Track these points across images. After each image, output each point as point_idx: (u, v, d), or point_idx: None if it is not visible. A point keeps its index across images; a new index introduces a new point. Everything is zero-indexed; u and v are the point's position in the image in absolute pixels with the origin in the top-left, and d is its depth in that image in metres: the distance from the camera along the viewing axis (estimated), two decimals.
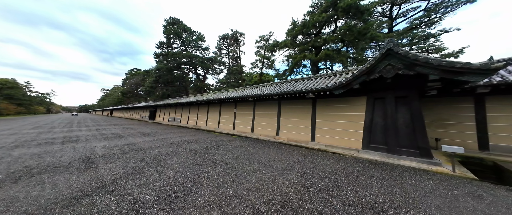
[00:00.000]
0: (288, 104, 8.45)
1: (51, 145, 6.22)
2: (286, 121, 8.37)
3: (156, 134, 10.11)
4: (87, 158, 4.58)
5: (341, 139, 5.82)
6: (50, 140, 7.22)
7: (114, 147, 6.01)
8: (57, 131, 10.55)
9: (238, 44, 24.22)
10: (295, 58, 12.64)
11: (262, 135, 9.51)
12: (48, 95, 78.91)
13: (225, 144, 6.95)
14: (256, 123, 10.36)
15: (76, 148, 5.78)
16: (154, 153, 5.21)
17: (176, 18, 24.28)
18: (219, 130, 13.19)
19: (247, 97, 10.15)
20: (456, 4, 11.32)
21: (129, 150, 5.60)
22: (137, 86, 47.34)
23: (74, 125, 15.63)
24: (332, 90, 5.25)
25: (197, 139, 8.13)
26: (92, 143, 6.84)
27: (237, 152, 5.42)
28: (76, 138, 8.11)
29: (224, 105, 13.94)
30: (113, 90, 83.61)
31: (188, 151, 5.38)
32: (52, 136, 8.58)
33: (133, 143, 6.92)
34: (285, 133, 8.27)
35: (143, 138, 8.41)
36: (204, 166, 3.92)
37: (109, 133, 10.00)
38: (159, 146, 6.26)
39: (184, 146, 6.40)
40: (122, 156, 4.76)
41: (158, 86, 28.09)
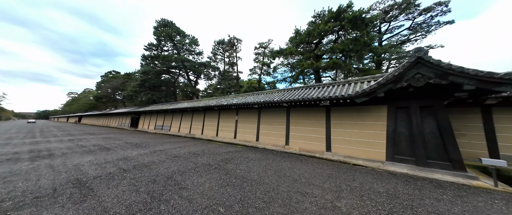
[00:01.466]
0: (298, 112, 8.30)
1: (16, 163, 4.87)
2: (297, 129, 8.15)
3: (149, 144, 8.92)
4: (76, 180, 3.61)
5: (361, 149, 5.78)
6: (13, 156, 5.71)
7: (107, 164, 4.97)
8: (18, 143, 8.57)
9: (235, 50, 24.05)
10: (301, 65, 12.88)
11: (270, 145, 9.10)
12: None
13: (237, 155, 6.36)
14: (262, 132, 9.94)
15: (54, 167, 4.61)
16: (163, 170, 4.40)
17: (169, 20, 23.20)
18: (218, 139, 12.37)
19: (252, 104, 9.77)
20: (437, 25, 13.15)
21: (128, 167, 4.66)
22: (115, 90, 43.05)
23: (37, 134, 13.08)
24: (354, 98, 5.25)
25: (202, 151, 7.34)
26: (73, 158, 5.59)
27: (259, 166, 4.92)
28: (47, 151, 6.61)
29: (224, 112, 13.26)
30: (83, 94, 74.64)
31: (203, 167, 4.70)
32: (12, 149, 6.87)
33: (128, 157, 5.87)
34: (295, 143, 8.01)
35: (137, 150, 7.28)
36: (237, 188, 3.36)
37: (89, 145, 8.48)
38: (164, 161, 5.40)
39: (193, 159, 5.64)
40: (124, 176, 3.88)
41: (143, 90, 25.80)
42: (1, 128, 20.09)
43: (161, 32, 22.22)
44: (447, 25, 13.31)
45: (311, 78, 20.66)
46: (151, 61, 24.65)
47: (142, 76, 25.71)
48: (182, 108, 16.50)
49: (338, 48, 11.69)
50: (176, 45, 23.62)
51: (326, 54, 13.26)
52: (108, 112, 33.56)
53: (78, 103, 68.06)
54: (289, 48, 14.12)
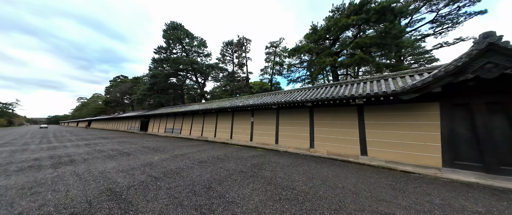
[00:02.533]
0: (324, 112, 7.78)
1: (39, 171, 4.60)
2: (323, 131, 7.62)
3: (167, 149, 8.60)
4: (109, 191, 3.25)
5: (407, 154, 5.17)
6: (34, 163, 5.48)
7: (133, 171, 4.62)
8: (35, 149, 8.45)
9: (244, 51, 23.78)
10: (322, 62, 12.24)
11: (291, 148, 8.59)
12: (11, 105, 69.45)
13: (265, 160, 5.91)
14: (282, 134, 9.45)
15: (79, 174, 4.29)
16: (196, 178, 4.00)
17: (178, 23, 23.32)
18: (233, 142, 11.97)
19: (270, 105, 9.33)
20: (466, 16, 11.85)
21: (158, 174, 4.29)
22: (123, 94, 43.75)
23: (52, 139, 13.09)
24: (400, 94, 4.71)
25: (224, 155, 6.93)
26: (96, 164, 5.30)
27: (298, 173, 4.43)
28: (67, 157, 6.37)
29: (238, 114, 12.87)
30: (92, 99, 76.58)
31: (238, 175, 4.26)
32: (32, 155, 6.68)
33: (152, 163, 5.53)
34: (322, 146, 7.47)
35: (157, 154, 6.95)
36: (294, 203, 2.87)
37: (106, 149, 8.24)
38: (191, 167, 5.00)
39: (222, 165, 5.22)
40: (159, 186, 3.50)
41: (152, 94, 25.92)
42: (16, 134, 20.49)
43: (171, 34, 22.31)
44: (478, 15, 12.15)
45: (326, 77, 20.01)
46: (160, 64, 24.76)
47: (151, 79, 25.88)
48: (193, 110, 16.26)
49: (365, 42, 10.93)
50: (185, 48, 23.65)
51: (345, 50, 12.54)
52: (118, 116, 33.96)
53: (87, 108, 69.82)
54: (307, 45, 13.48)
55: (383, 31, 10.32)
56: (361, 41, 10.99)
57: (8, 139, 13.35)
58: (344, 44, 12.12)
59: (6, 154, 6.97)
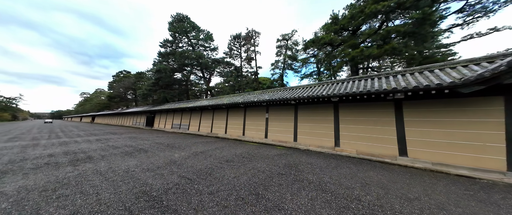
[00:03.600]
0: (352, 108, 7.26)
1: (58, 169, 4.22)
2: (350, 129, 7.13)
3: (182, 145, 8.22)
4: (145, 195, 2.84)
5: (459, 155, 4.65)
6: (50, 159, 5.11)
7: (159, 170, 4.22)
8: (47, 144, 8.13)
9: (253, 44, 22.97)
10: (347, 54, 11.38)
11: (313, 146, 8.14)
12: (14, 100, 69.76)
13: (295, 160, 5.50)
14: (301, 131, 8.99)
15: (103, 173, 3.90)
16: (233, 180, 3.59)
17: (184, 15, 22.50)
18: (246, 138, 11.58)
19: (288, 100, 8.83)
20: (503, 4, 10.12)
21: (189, 175, 3.88)
22: (127, 89, 43.45)
23: (61, 134, 12.83)
24: (459, 87, 4.14)
25: (247, 153, 6.52)
26: (116, 162, 4.91)
27: (345, 177, 3.95)
28: (83, 153, 6.00)
29: (251, 110, 12.41)
30: (95, 94, 76.66)
31: (280, 178, 3.82)
32: (45, 151, 6.33)
33: (175, 161, 5.13)
34: (349, 144, 6.99)
35: (176, 152, 6.55)
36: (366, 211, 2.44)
37: (120, 145, 7.88)
38: (221, 167, 4.59)
39: (252, 165, 4.81)
40: (198, 190, 3.08)
41: (157, 89, 25.51)
42: (22, 128, 20.38)
43: (177, 27, 21.56)
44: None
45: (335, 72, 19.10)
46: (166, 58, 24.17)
47: (156, 74, 25.40)
48: (202, 106, 15.84)
49: (398, 30, 9.97)
50: (191, 41, 22.93)
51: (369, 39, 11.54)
52: (123, 111, 33.78)
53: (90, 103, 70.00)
54: (327, 36, 12.59)
55: (420, 17, 9.42)
56: (393, 29, 10.09)
57: (16, 134, 13.13)
58: (369, 34, 11.20)
59: (17, 150, 6.64)
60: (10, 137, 11.02)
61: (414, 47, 9.72)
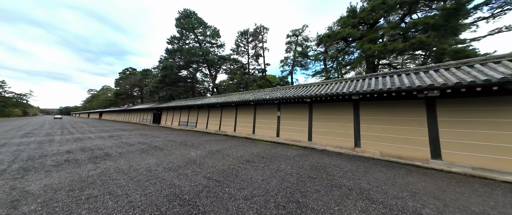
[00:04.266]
0: (373, 107, 6.90)
1: (79, 166, 4.12)
2: (373, 129, 6.78)
3: (195, 143, 8.08)
4: (177, 198, 2.66)
5: (506, 159, 4.25)
6: (68, 156, 5.04)
7: (181, 169, 4.06)
8: (61, 140, 8.15)
9: (261, 40, 22.49)
10: (368, 49, 10.72)
11: (330, 146, 7.84)
12: (25, 96, 71.88)
13: (319, 162, 5.25)
14: (317, 130, 8.70)
15: (126, 172, 3.77)
16: (263, 183, 3.38)
17: (191, 10, 22.20)
18: (256, 137, 11.39)
19: (303, 98, 8.52)
20: None
21: (214, 175, 3.70)
22: (133, 86, 43.93)
23: (73, 130, 12.97)
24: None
25: (264, 153, 6.32)
26: (135, 160, 4.79)
27: (385, 183, 3.63)
28: (99, 150, 5.93)
29: (262, 108, 12.16)
30: (101, 91, 78.09)
31: (312, 181, 3.58)
32: (62, 147, 6.30)
33: (194, 160, 4.97)
34: (372, 145, 6.64)
35: (192, 150, 6.41)
36: None
37: (134, 142, 7.82)
38: (243, 167, 4.40)
39: (275, 166, 4.60)
40: (231, 194, 2.89)
41: (163, 86, 25.57)
42: (34, 124, 20.86)
43: (184, 23, 21.33)
44: None
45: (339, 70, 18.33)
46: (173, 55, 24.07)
47: (162, 71, 25.41)
48: (210, 103, 15.71)
49: (426, 22, 9.22)
50: (198, 38, 22.70)
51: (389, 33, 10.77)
52: (130, 108, 34.19)
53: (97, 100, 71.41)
54: (344, 30, 11.93)
55: (453, 7, 8.67)
56: (421, 21, 9.37)
57: (29, 129, 13.37)
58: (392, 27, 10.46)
59: (34, 145, 6.65)
60: (24, 132, 11.20)
61: (444, 40, 8.99)
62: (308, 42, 19.65)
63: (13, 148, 6.11)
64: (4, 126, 16.04)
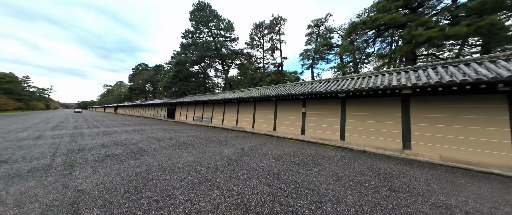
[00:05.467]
0: (429, 103, 6.00)
1: (121, 162, 3.91)
2: (429, 128, 5.87)
3: (221, 140, 7.78)
4: (248, 209, 2.27)
5: None
6: (106, 151, 4.89)
7: (227, 171, 3.72)
8: (90, 133, 8.21)
9: (278, 32, 21.52)
10: (419, 35, 9.26)
11: (370, 146, 7.14)
12: (47, 91, 76.58)
13: (374, 167, 4.69)
14: (350, 128, 8.03)
15: (172, 171, 3.47)
16: (339, 197, 2.92)
17: (206, 3, 21.69)
18: (278, 134, 10.94)
19: (335, 93, 7.84)
20: None
21: (270, 180, 3.31)
22: (146, 82, 44.96)
23: (97, 124, 13.30)
24: None
25: (302, 153, 5.85)
26: (174, 156, 4.53)
27: (494, 202, 2.99)
28: (132, 145, 5.77)
29: (284, 104, 11.62)
30: (116, 86, 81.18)
31: (396, 195, 3.06)
32: (94, 141, 6.25)
33: (234, 159, 4.62)
34: (427, 148, 5.81)
35: (225, 148, 6.08)
36: None
37: (161, 137, 7.67)
38: (295, 172, 3.97)
39: (331, 171, 4.13)
40: (312, 210, 2.44)
41: (177, 81, 25.72)
42: (59, 117, 21.90)
43: (198, 16, 20.94)
44: None
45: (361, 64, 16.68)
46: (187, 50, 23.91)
47: (176, 67, 25.48)
48: (226, 99, 15.41)
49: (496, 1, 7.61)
50: (212, 31, 22.27)
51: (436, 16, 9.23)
52: (144, 103, 35.07)
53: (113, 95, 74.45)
54: (386, 15, 10.40)
55: None
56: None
57: (56, 122, 13.90)
58: (449, 8, 8.92)
59: (67, 138, 6.67)
60: (53, 125, 11.59)
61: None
62: (332, 33, 18.37)
63: (49, 140, 6.14)
64: (33, 119, 16.90)
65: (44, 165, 3.50)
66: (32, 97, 59.62)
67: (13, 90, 47.06)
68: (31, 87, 62.93)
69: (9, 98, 43.81)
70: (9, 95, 45.05)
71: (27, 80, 59.47)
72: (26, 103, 52.68)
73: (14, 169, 3.22)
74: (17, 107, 46.49)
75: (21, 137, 6.71)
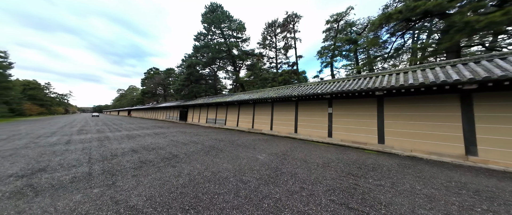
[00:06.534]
0: (495, 100, 5.17)
1: (160, 170, 3.63)
2: (500, 131, 5.04)
3: (247, 144, 7.40)
4: None
5: None
6: (139, 157, 4.69)
7: (280, 183, 3.30)
8: (115, 137, 8.22)
9: (293, 30, 20.97)
10: (477, 22, 7.75)
11: (418, 151, 6.29)
12: (66, 96, 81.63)
13: (445, 177, 4.03)
14: (390, 131, 7.22)
15: (217, 182, 3.12)
16: None
17: (218, 4, 21.79)
18: (300, 136, 10.39)
19: (371, 91, 7.16)
20: None
21: (344, 199, 2.84)
22: (157, 85, 46.27)
23: (117, 127, 13.58)
24: None
25: (345, 159, 5.30)
26: (211, 164, 4.20)
27: None
28: (161, 150, 5.56)
29: (305, 104, 11.05)
30: (128, 91, 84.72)
31: None
32: (122, 146, 6.14)
33: (277, 168, 4.20)
34: (498, 154, 4.96)
35: (255, 152, 5.69)
36: None
37: (185, 141, 7.46)
38: (366, 187, 3.46)
39: (405, 186, 3.56)
40: None
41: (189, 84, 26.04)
42: (79, 121, 22.90)
43: (210, 18, 21.04)
44: None
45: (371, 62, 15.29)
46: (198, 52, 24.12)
47: (187, 69, 25.79)
48: (240, 100, 15.11)
49: None
50: (223, 32, 22.29)
51: None
52: (157, 106, 35.98)
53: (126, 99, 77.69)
54: (431, 1, 9.09)
55: None
56: None
57: (79, 126, 14.40)
58: None
59: (96, 143, 6.66)
60: (77, 129, 11.94)
61: None
62: (353, 27, 17.34)
63: (79, 145, 6.12)
64: (56, 123, 17.74)
65: (84, 174, 3.31)
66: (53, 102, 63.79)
67: (36, 96, 50.57)
68: (52, 93, 67.38)
69: (33, 104, 47.07)
70: (33, 101, 48.42)
71: (48, 87, 63.70)
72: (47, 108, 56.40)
73: (56, 179, 3.04)
74: (40, 112, 49.84)
75: (51, 142, 6.81)
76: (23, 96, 41.98)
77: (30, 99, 47.39)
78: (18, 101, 37.33)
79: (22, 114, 39.40)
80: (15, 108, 36.47)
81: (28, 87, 49.40)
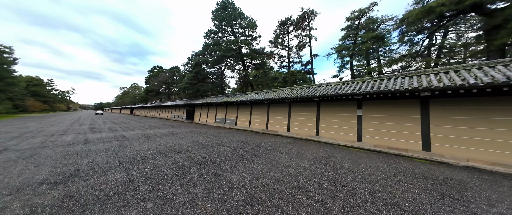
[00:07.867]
0: None
1: (206, 178, 3.20)
2: None
3: (277, 147, 6.92)
4: None
5: None
6: (173, 161, 4.27)
7: (366, 204, 2.82)
8: (133, 137, 7.85)
9: (308, 27, 20.39)
10: None
11: (477, 161, 5.56)
12: (68, 93, 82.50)
13: None
14: (438, 136, 6.47)
15: (292, 201, 2.68)
16: None
17: (230, 0, 21.43)
18: (322, 139, 9.87)
19: (413, 92, 6.62)
20: None
21: None
22: (161, 84, 46.19)
23: (128, 126, 13.28)
24: None
25: (408, 171, 4.79)
26: (254, 172, 3.76)
27: None
28: (190, 152, 5.13)
29: (329, 105, 10.55)
30: (131, 89, 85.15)
31: None
32: (146, 146, 5.74)
33: (337, 181, 3.74)
34: None
35: (296, 159, 5.22)
36: None
37: (207, 142, 7.03)
38: (463, 211, 2.94)
39: None
40: None
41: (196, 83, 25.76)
42: (84, 118, 22.75)
43: (221, 15, 20.69)
44: None
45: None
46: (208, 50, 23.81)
47: (195, 68, 25.52)
48: (253, 100, 14.67)
49: None
50: (234, 30, 21.93)
51: None
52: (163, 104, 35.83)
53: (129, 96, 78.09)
54: None
55: None
56: None
57: (88, 124, 14.15)
58: None
59: (116, 143, 6.28)
60: (87, 127, 11.66)
61: None
62: (376, 24, 16.64)
63: (99, 145, 5.77)
64: (63, 120, 17.58)
65: (125, 181, 2.91)
66: (55, 99, 64.44)
67: (39, 93, 51.09)
68: (55, 89, 68.07)
69: (36, 100, 47.50)
70: (36, 97, 48.88)
71: (51, 83, 64.36)
72: (50, 104, 56.97)
73: (96, 188, 2.64)
74: (43, 108, 50.29)
75: (68, 140, 6.48)
76: (27, 92, 42.36)
77: (33, 96, 47.87)
78: (21, 97, 37.67)
79: (25, 110, 39.76)
80: (19, 104, 36.79)
81: (31, 83, 49.94)
